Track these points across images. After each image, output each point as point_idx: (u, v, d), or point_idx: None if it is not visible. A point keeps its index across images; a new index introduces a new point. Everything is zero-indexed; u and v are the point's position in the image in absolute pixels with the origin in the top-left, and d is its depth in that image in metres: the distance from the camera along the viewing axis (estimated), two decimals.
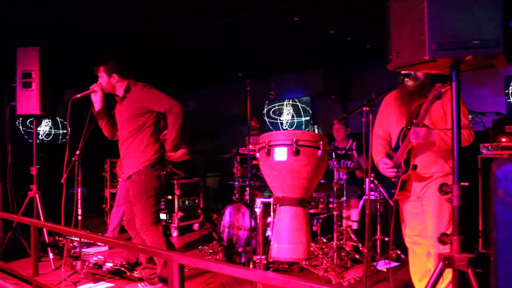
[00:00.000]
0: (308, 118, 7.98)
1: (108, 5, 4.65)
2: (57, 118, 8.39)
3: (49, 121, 8.42)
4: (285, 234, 2.76)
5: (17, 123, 7.74)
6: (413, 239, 2.95)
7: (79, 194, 4.44)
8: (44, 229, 4.55)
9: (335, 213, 4.58)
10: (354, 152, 5.50)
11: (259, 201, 3.32)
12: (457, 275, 1.83)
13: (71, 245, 4.90)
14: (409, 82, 2.82)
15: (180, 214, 6.24)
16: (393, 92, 3.02)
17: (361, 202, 5.00)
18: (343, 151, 5.52)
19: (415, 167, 2.72)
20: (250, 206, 4.40)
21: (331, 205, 4.72)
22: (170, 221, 6.29)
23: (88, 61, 6.92)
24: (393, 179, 2.87)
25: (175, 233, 6.22)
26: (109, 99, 4.05)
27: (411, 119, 2.75)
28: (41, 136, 8.28)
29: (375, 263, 4.43)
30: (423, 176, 2.79)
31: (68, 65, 6.45)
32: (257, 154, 2.95)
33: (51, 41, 5.58)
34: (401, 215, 3.02)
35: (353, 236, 4.78)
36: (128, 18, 5.13)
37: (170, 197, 6.34)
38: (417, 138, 2.66)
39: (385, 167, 2.89)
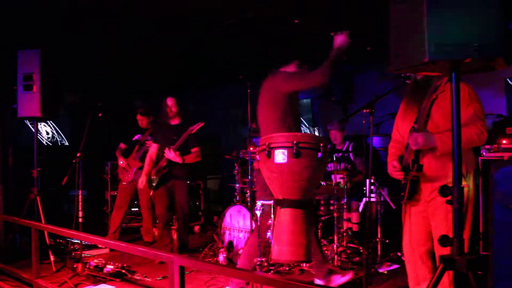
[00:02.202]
0: (308, 120, 7.99)
1: (109, 7, 4.66)
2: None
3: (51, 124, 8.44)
4: (285, 236, 2.76)
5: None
6: (414, 244, 2.85)
7: (80, 196, 4.45)
8: (45, 232, 4.55)
9: (335, 215, 4.58)
10: (351, 154, 5.49)
11: (259, 203, 3.32)
12: (458, 277, 1.83)
13: (71, 247, 4.90)
14: (413, 80, 2.76)
15: None
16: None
17: (362, 204, 5.00)
18: (340, 154, 5.50)
19: (420, 167, 2.61)
20: (251, 208, 4.41)
21: (331, 207, 4.72)
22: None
23: (88, 63, 6.97)
24: (402, 181, 2.79)
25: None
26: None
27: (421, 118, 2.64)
28: (46, 134, 8.28)
29: (375, 265, 4.43)
30: (431, 178, 2.69)
31: (69, 67, 6.47)
32: (258, 157, 2.95)
33: (52, 43, 5.59)
34: (405, 218, 2.91)
35: (353, 238, 4.78)
36: (130, 20, 5.14)
37: None
38: (416, 144, 2.58)
39: (394, 170, 2.81)
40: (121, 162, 5.79)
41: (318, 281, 3.71)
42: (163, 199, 4.86)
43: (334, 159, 4.98)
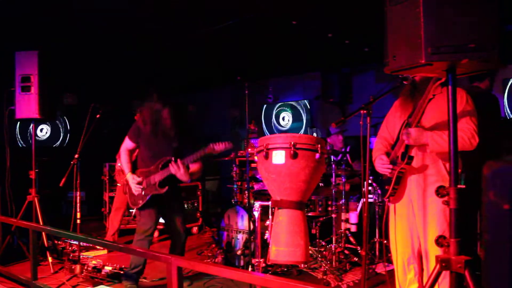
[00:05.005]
0: (306, 121, 8.00)
1: (107, 8, 4.66)
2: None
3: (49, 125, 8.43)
4: (283, 237, 2.76)
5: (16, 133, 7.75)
6: (399, 244, 2.83)
7: (78, 197, 4.44)
8: (43, 233, 4.55)
9: (333, 216, 4.59)
10: (348, 155, 5.49)
11: (257, 204, 3.32)
12: (454, 277, 1.83)
13: (70, 248, 4.89)
14: (410, 81, 2.77)
15: None
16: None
17: (360, 204, 5.00)
18: (339, 156, 5.50)
19: (411, 158, 2.61)
20: (249, 209, 4.41)
21: (329, 208, 4.72)
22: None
23: (86, 65, 6.97)
24: (389, 175, 2.78)
25: None
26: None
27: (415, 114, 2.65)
28: (40, 132, 8.28)
29: (374, 266, 4.43)
30: (418, 173, 2.69)
31: (67, 68, 6.47)
32: (256, 157, 2.96)
33: (50, 44, 5.59)
34: (390, 217, 2.89)
35: (351, 238, 4.78)
36: (128, 22, 5.14)
37: None
38: (408, 139, 2.59)
39: (381, 163, 2.82)
40: (119, 164, 5.77)
41: None
42: (151, 217, 3.84)
43: (332, 160, 4.98)
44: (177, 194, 3.95)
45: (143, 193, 3.77)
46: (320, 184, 5.12)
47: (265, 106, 8.52)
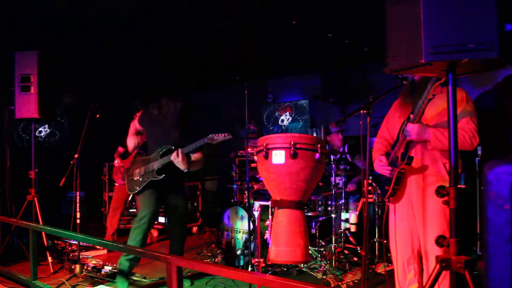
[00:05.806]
0: (306, 121, 7.99)
1: (108, 8, 4.66)
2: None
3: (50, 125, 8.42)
4: (283, 237, 2.76)
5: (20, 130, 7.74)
6: (399, 245, 2.83)
7: (78, 197, 4.44)
8: (43, 233, 4.54)
9: (333, 216, 4.58)
10: (348, 155, 5.49)
11: (257, 204, 3.32)
12: (454, 277, 1.83)
13: (69, 248, 4.89)
14: (410, 81, 2.76)
15: None
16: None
17: (360, 204, 5.00)
18: (338, 156, 5.50)
19: (410, 158, 2.61)
20: (249, 209, 4.41)
21: (329, 208, 4.72)
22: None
23: (86, 65, 6.96)
24: (388, 175, 2.79)
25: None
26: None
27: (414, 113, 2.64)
28: (41, 130, 8.27)
29: (373, 266, 4.43)
30: (418, 174, 2.69)
31: (67, 69, 6.46)
32: (255, 157, 2.96)
33: (50, 44, 5.59)
34: (390, 217, 2.90)
35: (351, 238, 4.78)
36: (127, 22, 5.14)
37: None
38: (410, 134, 2.60)
39: (380, 164, 2.82)
40: (116, 162, 5.76)
41: None
42: (149, 204, 3.82)
43: (332, 160, 4.98)
44: (180, 189, 4.07)
45: (140, 179, 3.88)
46: (320, 184, 5.12)
47: (265, 106, 8.51)
